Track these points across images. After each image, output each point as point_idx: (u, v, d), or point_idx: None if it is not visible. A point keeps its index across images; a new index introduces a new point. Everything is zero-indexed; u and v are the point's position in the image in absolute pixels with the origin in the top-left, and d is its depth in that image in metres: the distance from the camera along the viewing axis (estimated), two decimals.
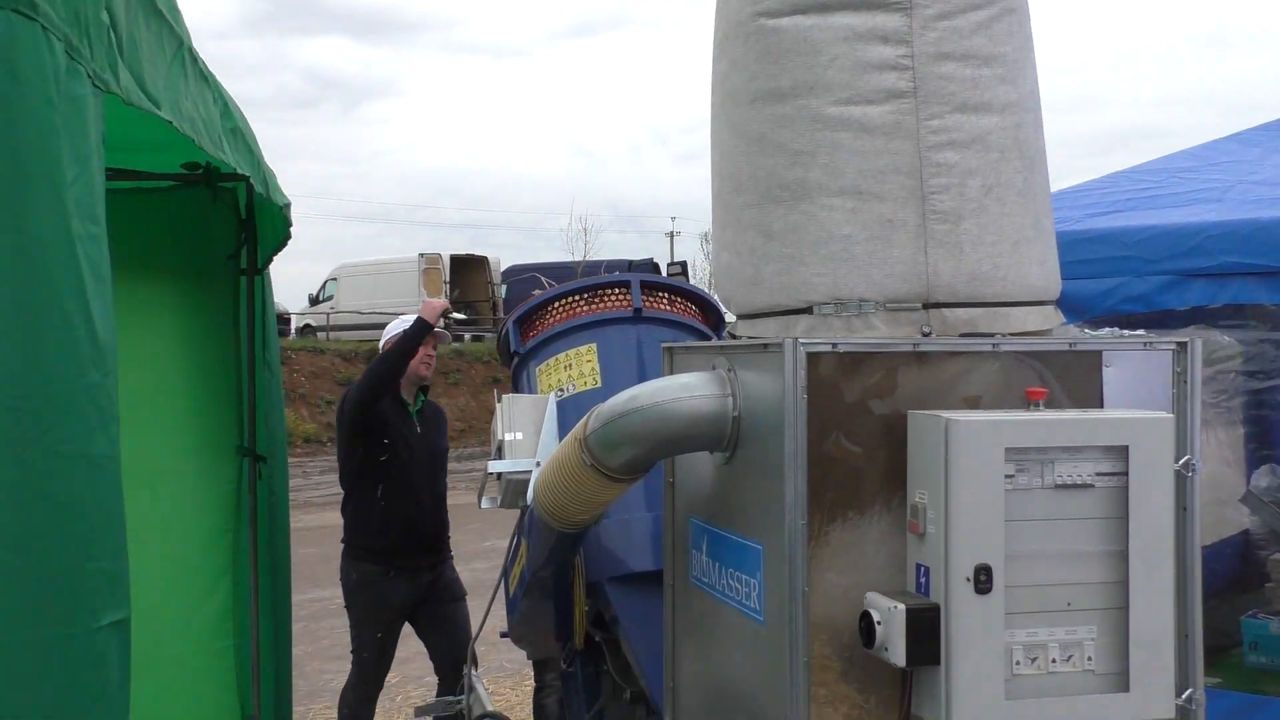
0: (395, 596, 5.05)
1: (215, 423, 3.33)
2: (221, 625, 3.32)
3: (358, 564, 5.05)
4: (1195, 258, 5.09)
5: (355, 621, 5.11)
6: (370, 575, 5.00)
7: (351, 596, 5.09)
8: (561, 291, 4.32)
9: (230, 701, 3.29)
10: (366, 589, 5.02)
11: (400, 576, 5.02)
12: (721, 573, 2.86)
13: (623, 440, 2.87)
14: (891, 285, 2.65)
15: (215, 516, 3.32)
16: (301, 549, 12.23)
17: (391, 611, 5.06)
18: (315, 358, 25.02)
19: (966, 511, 2.27)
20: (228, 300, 3.41)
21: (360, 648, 5.09)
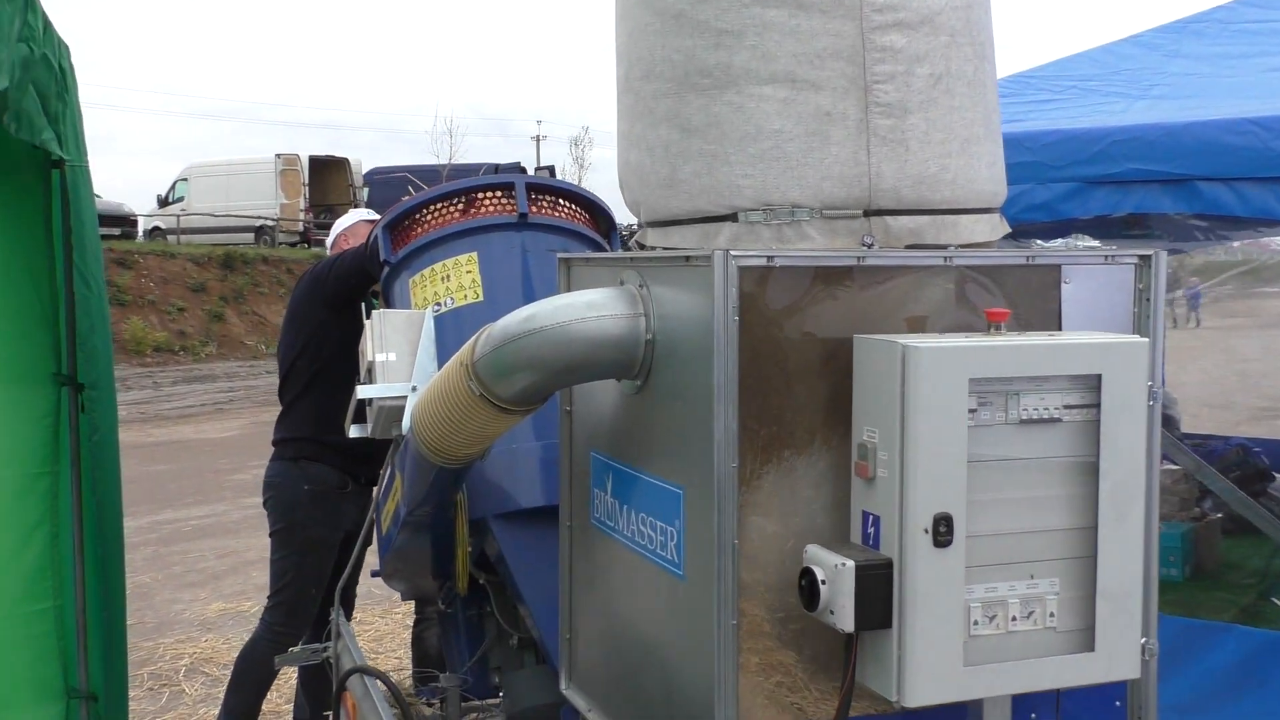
0: (344, 519, 4.18)
1: (24, 346, 2.77)
2: (38, 586, 2.81)
3: (310, 471, 4.15)
4: (1099, 164, 4.89)
5: (293, 548, 4.16)
6: (326, 486, 4.14)
7: (292, 514, 4.14)
8: (436, 194, 3.85)
9: (51, 673, 2.81)
10: (318, 504, 4.12)
11: (354, 495, 4.20)
12: (630, 517, 2.51)
13: (517, 366, 2.48)
14: (829, 189, 2.30)
15: (27, 457, 2.77)
16: (153, 465, 11.62)
17: (337, 537, 4.18)
18: (165, 262, 23.73)
19: (926, 453, 1.97)
20: (35, 198, 2.83)
21: (294, 583, 4.16)
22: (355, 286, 4.17)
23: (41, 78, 2.49)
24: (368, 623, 6.42)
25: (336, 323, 4.20)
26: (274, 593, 4.22)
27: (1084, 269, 2.33)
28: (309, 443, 4.21)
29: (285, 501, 4.18)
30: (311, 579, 4.18)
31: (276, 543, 4.22)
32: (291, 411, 4.30)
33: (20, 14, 2.30)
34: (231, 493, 9.77)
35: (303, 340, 4.30)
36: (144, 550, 8.18)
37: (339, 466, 4.18)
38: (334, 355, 4.19)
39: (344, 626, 3.67)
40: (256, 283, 24.27)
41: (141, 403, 16.70)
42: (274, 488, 4.22)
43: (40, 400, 2.78)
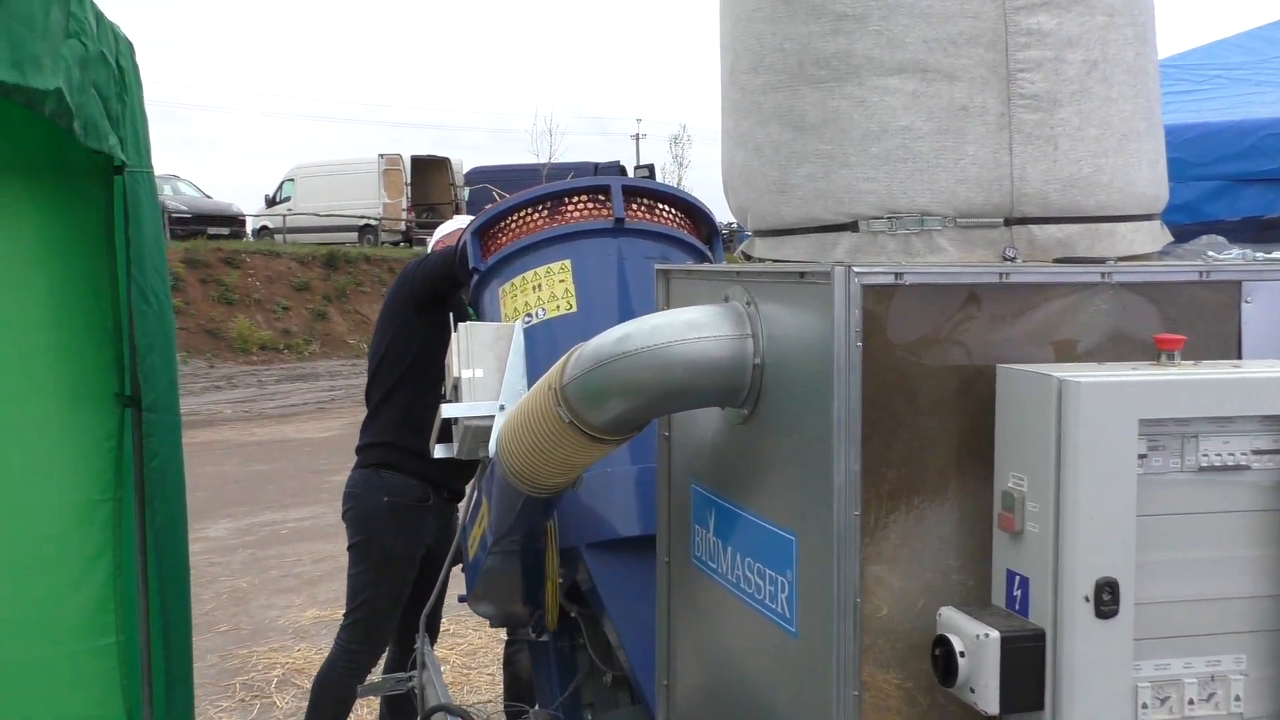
0: (425, 534, 3.92)
1: (85, 364, 2.61)
2: (99, 620, 2.64)
3: (390, 482, 3.88)
4: (1250, 160, 4.46)
5: (371, 563, 3.89)
6: (406, 499, 3.88)
7: (372, 527, 3.88)
8: (528, 198, 3.63)
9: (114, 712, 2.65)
10: (398, 517, 3.85)
11: (435, 509, 3.95)
12: (735, 560, 2.25)
13: (610, 392, 2.24)
14: (964, 194, 2.01)
15: (87, 482, 2.62)
16: (254, 465, 11.70)
17: (419, 553, 3.91)
18: (271, 261, 24.15)
19: (1087, 506, 1.67)
20: (97, 207, 2.67)
21: (371, 600, 3.89)
22: (441, 288, 3.95)
23: (100, 77, 2.33)
24: (460, 635, 6.27)
25: (422, 324, 3.97)
26: (351, 610, 3.99)
27: (1269, 285, 1.99)
28: (391, 449, 3.96)
29: (364, 513, 3.94)
30: (389, 596, 3.94)
31: (354, 556, 3.98)
32: (376, 417, 4.07)
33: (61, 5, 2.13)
34: (329, 495, 9.73)
35: (388, 341, 4.08)
36: (242, 553, 8.18)
37: (421, 477, 3.92)
38: (419, 358, 3.96)
39: (429, 656, 3.47)
40: (359, 281, 24.56)
41: (246, 400, 16.95)
42: (353, 498, 3.99)
43: (102, 422, 2.62)
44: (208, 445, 12.85)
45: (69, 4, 2.19)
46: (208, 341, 20.80)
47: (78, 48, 2.22)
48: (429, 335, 3.95)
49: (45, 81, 2.18)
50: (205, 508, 9.52)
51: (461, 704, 5.27)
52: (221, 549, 8.32)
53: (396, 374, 4.02)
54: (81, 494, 2.59)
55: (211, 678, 5.70)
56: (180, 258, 21.69)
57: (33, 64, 2.14)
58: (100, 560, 2.64)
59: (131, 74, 2.52)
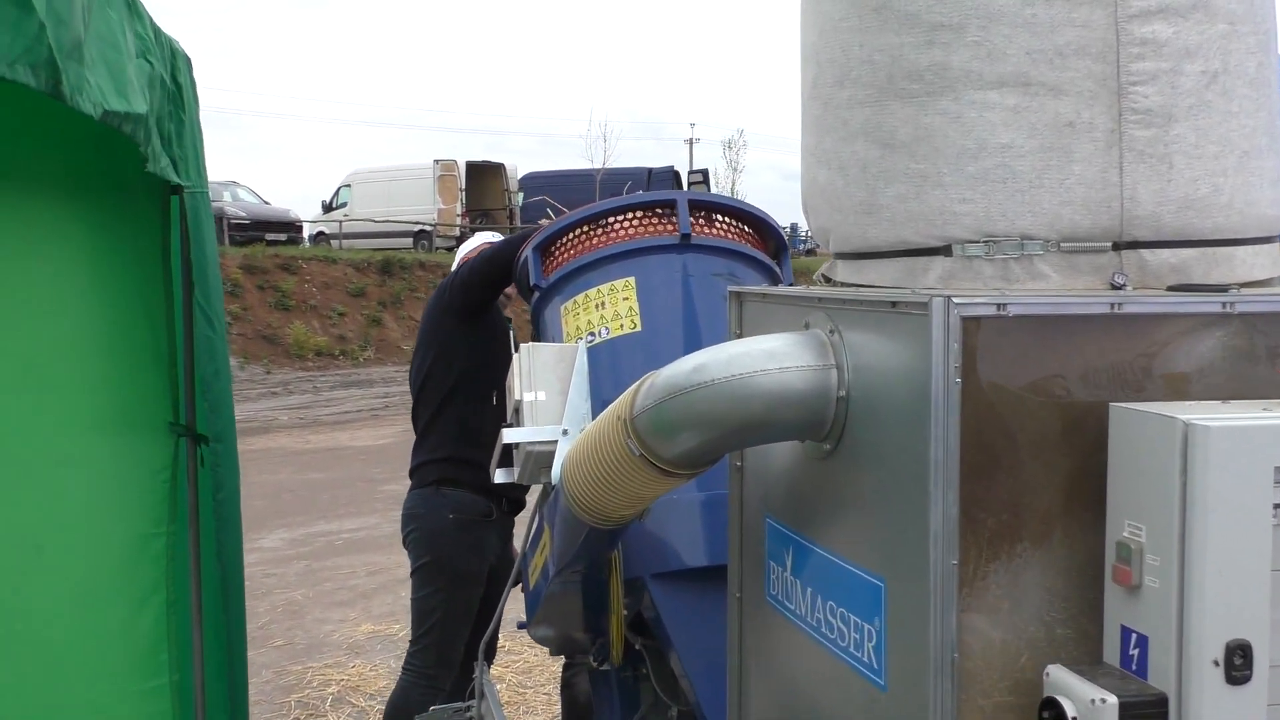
0: (489, 550, 3.79)
1: (138, 392, 2.53)
2: (152, 660, 2.55)
3: (453, 498, 3.74)
4: None
5: (441, 583, 3.75)
6: (471, 514, 3.74)
7: (439, 547, 3.74)
8: (590, 214, 3.53)
9: None
10: (465, 533, 3.71)
11: (498, 523, 3.82)
12: (816, 603, 2.12)
13: (684, 424, 2.12)
14: (1069, 216, 1.87)
15: (139, 516, 2.53)
16: (309, 474, 11.73)
17: (485, 570, 3.78)
18: (327, 267, 24.31)
19: (1216, 561, 1.52)
20: (153, 228, 2.59)
21: (444, 622, 3.74)
22: (479, 294, 3.85)
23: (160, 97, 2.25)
24: (516, 653, 6.17)
25: (465, 334, 3.89)
26: (421, 634, 3.86)
27: None
28: (450, 464, 3.84)
29: (429, 532, 3.81)
30: (461, 616, 3.83)
31: (421, 579, 3.85)
32: (428, 434, 3.96)
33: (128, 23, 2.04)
34: (383, 504, 9.72)
35: (433, 356, 3.97)
36: (297, 564, 8.16)
37: (483, 490, 3.78)
38: (468, 368, 3.87)
39: (488, 686, 3.38)
40: (414, 287, 24.66)
41: (301, 407, 17.04)
42: (416, 519, 3.86)
43: (155, 453, 2.53)
44: (264, 453, 12.91)
45: (133, 21, 2.10)
46: (264, 347, 20.97)
47: (145, 68, 2.14)
48: (473, 347, 3.87)
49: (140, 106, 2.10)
50: (261, 517, 9.53)
51: None
52: (277, 560, 8.31)
53: (445, 389, 3.93)
54: (134, 528, 2.51)
55: (267, 694, 5.65)
56: (238, 264, 21.90)
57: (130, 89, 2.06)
58: (154, 598, 2.55)
59: (189, 90, 2.44)
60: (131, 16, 2.09)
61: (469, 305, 3.88)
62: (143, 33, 2.15)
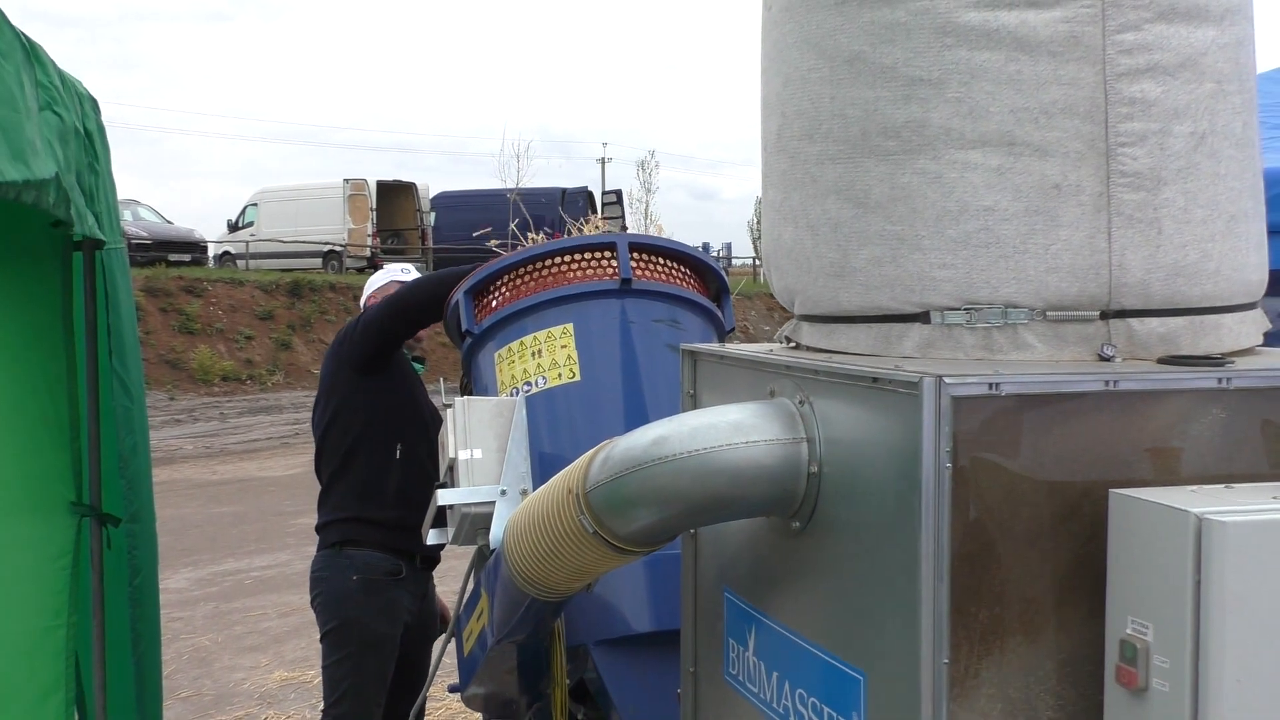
0: (401, 610, 3.61)
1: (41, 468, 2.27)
2: None
3: (357, 559, 3.56)
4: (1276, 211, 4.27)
5: (350, 649, 3.55)
6: (377, 574, 3.55)
7: (345, 610, 3.55)
8: (525, 256, 3.37)
9: None
10: (371, 595, 3.53)
11: (409, 581, 3.64)
12: (783, 689, 1.99)
13: (642, 500, 1.97)
14: (1056, 283, 1.77)
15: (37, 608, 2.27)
16: (217, 508, 11.29)
17: (398, 633, 3.60)
18: (234, 289, 23.66)
19: (1236, 666, 1.42)
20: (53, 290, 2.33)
21: (355, 689, 3.52)
22: (379, 342, 3.64)
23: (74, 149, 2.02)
24: (437, 698, 5.93)
25: (363, 386, 3.67)
26: (332, 703, 3.63)
27: None
28: (352, 524, 3.65)
29: (334, 596, 3.61)
30: (374, 683, 3.61)
31: (329, 646, 3.64)
32: (330, 492, 3.76)
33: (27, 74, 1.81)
34: (295, 539, 9.38)
35: (332, 410, 3.76)
36: (204, 607, 7.80)
37: (389, 548, 3.61)
38: (369, 422, 3.66)
39: None
40: (324, 310, 24.12)
41: (207, 435, 16.49)
42: (321, 582, 3.66)
43: (55, 536, 2.27)
44: (168, 485, 12.40)
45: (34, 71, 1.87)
46: (168, 373, 20.29)
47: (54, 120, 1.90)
48: (372, 399, 3.65)
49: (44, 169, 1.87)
50: (166, 555, 9.00)
51: None
52: (183, 602, 7.93)
53: (347, 443, 3.71)
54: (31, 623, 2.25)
55: None
56: (140, 286, 21.16)
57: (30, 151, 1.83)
58: (51, 698, 2.28)
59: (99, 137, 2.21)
60: (31, 65, 1.86)
61: (366, 358, 3.65)
62: (46, 81, 1.92)
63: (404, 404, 3.68)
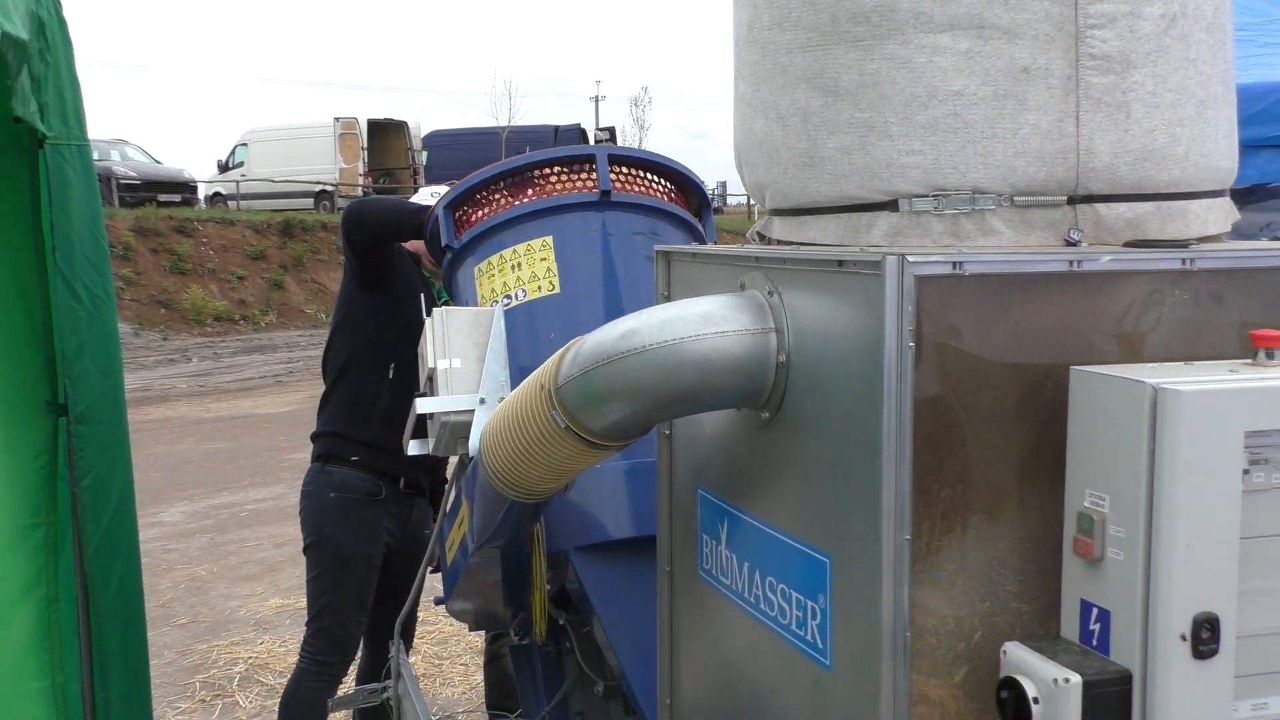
0: (381, 530, 3.61)
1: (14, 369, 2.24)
2: (30, 662, 2.28)
3: (336, 477, 3.59)
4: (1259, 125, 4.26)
5: (327, 566, 3.59)
6: (356, 494, 3.57)
7: (322, 527, 3.58)
8: (503, 169, 3.35)
9: None
10: (347, 514, 3.56)
11: (390, 502, 3.64)
12: (754, 579, 2.02)
13: (613, 394, 1.98)
14: (1023, 168, 1.77)
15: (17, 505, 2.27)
16: (212, 444, 11.34)
17: (378, 552, 3.61)
18: (225, 229, 23.55)
19: (1186, 531, 1.44)
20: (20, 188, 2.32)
21: (333, 606, 3.59)
22: (354, 257, 3.61)
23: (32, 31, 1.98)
24: (431, 623, 6.01)
25: (366, 302, 3.65)
26: (312, 618, 3.68)
27: None
28: (336, 440, 3.65)
29: (314, 511, 3.64)
30: (351, 600, 3.63)
31: (310, 561, 3.68)
32: (324, 407, 3.77)
33: None
34: (289, 473, 9.43)
35: (335, 324, 3.78)
36: (199, 539, 7.87)
37: (370, 469, 3.61)
38: (365, 341, 3.65)
39: (405, 666, 3.22)
40: (315, 249, 24.03)
41: (201, 374, 16.52)
42: (305, 496, 3.69)
43: (32, 435, 2.28)
44: (162, 423, 12.46)
45: None
46: (160, 313, 20.26)
47: None
48: (373, 317, 3.63)
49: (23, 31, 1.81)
50: (161, 490, 9.18)
51: (434, 698, 5.04)
52: (178, 534, 8.00)
53: (342, 359, 3.71)
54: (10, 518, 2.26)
55: (169, 676, 5.41)
56: (130, 226, 21.09)
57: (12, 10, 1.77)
58: (32, 594, 2.29)
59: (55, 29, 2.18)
60: None
61: (355, 272, 3.62)
62: None
63: (404, 326, 3.63)
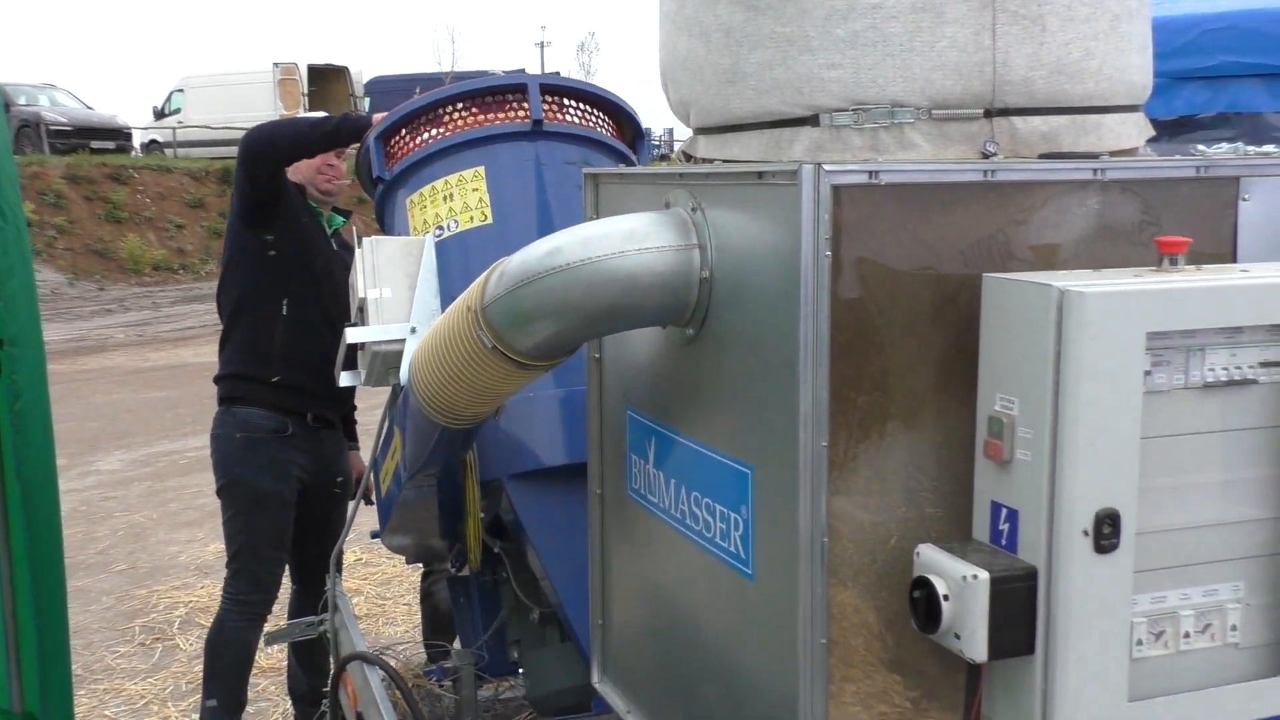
0: (292, 467, 3.59)
1: None
2: None
3: (241, 416, 3.56)
4: (1187, 57, 4.32)
5: (239, 506, 3.57)
6: (262, 433, 3.54)
7: (232, 468, 3.56)
8: (435, 99, 3.32)
9: None
10: (254, 453, 3.53)
11: (299, 439, 3.60)
12: (680, 495, 2.04)
13: (538, 312, 1.99)
14: (941, 82, 1.78)
15: None
16: (150, 392, 11.18)
17: (290, 489, 3.58)
18: (162, 177, 23.04)
19: (1088, 430, 1.48)
20: None
21: (249, 546, 3.57)
22: (244, 193, 3.57)
23: None
24: (374, 565, 6.03)
25: (251, 242, 3.59)
26: (231, 558, 3.67)
27: (1269, 182, 1.81)
28: (237, 381, 3.62)
29: (222, 453, 3.62)
30: (267, 539, 3.61)
31: (223, 503, 3.67)
32: (222, 349, 3.73)
33: None
34: None
35: (226, 258, 3.74)
36: (138, 486, 7.78)
37: (274, 407, 3.57)
38: (255, 279, 3.59)
39: (341, 598, 3.23)
40: None
41: (140, 324, 16.26)
42: (214, 440, 3.66)
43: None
44: (99, 372, 12.27)
45: None
46: (96, 262, 19.84)
47: None
48: (261, 255, 3.55)
49: None
50: (98, 439, 9.06)
51: (377, 637, 5.06)
52: (117, 482, 7.91)
53: (233, 300, 3.67)
54: None
55: (108, 621, 5.37)
56: (62, 173, 20.56)
57: None
58: None
59: None
60: None
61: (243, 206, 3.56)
62: None
63: (293, 260, 3.56)
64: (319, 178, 3.65)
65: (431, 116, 3.33)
